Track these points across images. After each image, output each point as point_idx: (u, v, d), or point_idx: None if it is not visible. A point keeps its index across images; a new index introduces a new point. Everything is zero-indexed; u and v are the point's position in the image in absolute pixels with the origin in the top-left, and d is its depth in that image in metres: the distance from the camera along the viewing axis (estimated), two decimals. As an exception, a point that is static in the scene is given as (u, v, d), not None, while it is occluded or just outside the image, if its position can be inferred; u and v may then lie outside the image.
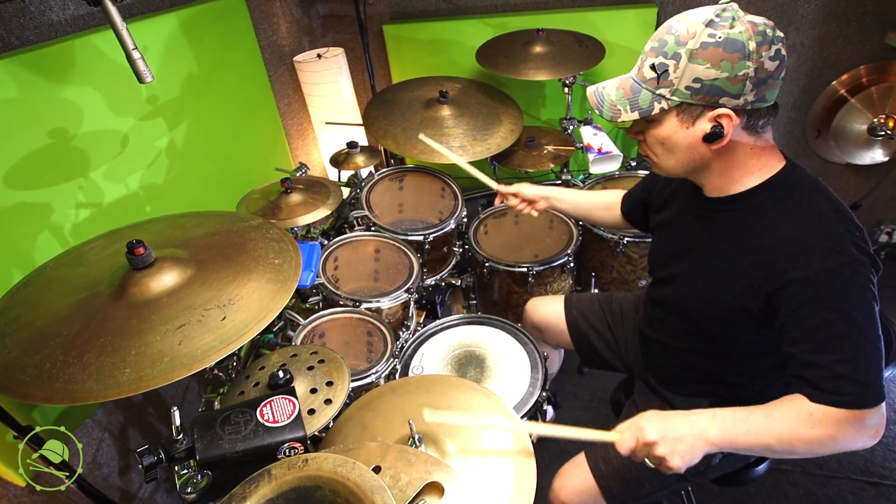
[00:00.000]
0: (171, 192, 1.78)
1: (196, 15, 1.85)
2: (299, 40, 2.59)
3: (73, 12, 1.50)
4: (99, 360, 0.92)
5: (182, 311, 1.01)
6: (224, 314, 1.00)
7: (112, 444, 1.66)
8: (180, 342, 0.95)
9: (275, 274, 1.12)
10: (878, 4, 2.16)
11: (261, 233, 1.26)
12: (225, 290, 1.06)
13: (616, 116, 0.94)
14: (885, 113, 2.18)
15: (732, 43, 0.83)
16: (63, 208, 1.44)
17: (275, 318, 1.66)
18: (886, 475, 1.80)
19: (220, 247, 1.21)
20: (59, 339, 0.97)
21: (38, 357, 0.94)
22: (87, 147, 1.50)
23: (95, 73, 1.50)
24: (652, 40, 0.91)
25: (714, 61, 0.84)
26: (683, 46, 0.86)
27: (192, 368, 0.91)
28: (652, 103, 0.90)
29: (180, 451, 0.84)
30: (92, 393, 0.88)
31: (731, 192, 0.98)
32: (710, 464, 1.20)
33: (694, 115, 0.89)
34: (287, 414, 0.89)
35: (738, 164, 0.95)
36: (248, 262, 1.15)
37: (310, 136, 2.77)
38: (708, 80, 0.85)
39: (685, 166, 0.98)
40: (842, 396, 0.84)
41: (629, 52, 2.44)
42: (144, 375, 0.90)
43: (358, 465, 0.67)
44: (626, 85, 0.94)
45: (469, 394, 1.17)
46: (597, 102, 0.97)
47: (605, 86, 0.98)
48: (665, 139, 0.94)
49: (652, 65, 0.89)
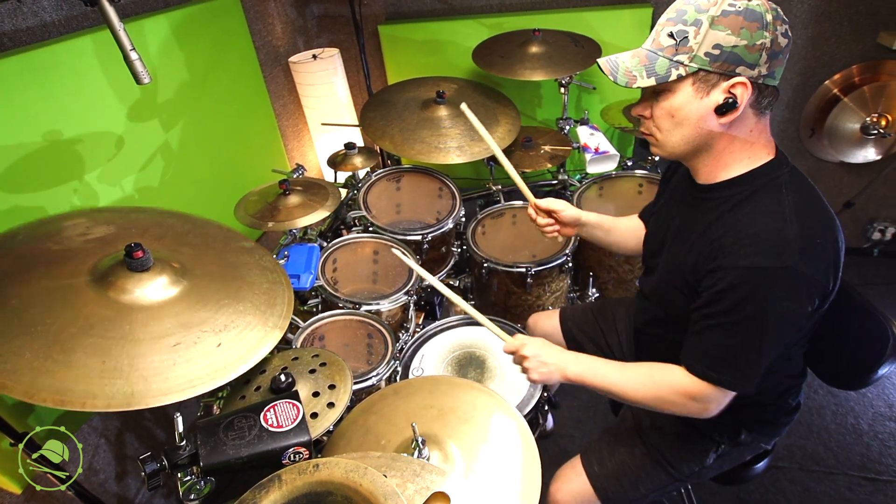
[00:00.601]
0: (166, 194, 1.76)
1: (190, 15, 1.84)
2: (294, 41, 2.58)
3: (67, 13, 1.48)
4: (88, 361, 0.86)
5: (177, 327, 0.97)
6: (219, 341, 0.98)
7: (109, 450, 1.64)
8: (174, 363, 0.91)
9: (268, 307, 1.09)
10: (871, 4, 2.18)
11: (253, 258, 1.23)
12: (219, 314, 1.03)
13: (632, 82, 0.93)
14: (878, 112, 2.20)
15: (752, 13, 0.84)
16: (57, 211, 1.41)
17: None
18: (882, 470, 1.82)
19: (214, 264, 1.17)
20: (40, 327, 0.88)
21: (16, 342, 0.85)
22: (81, 149, 1.48)
23: (89, 75, 1.48)
24: (668, 12, 0.91)
25: (735, 28, 0.84)
26: (705, 13, 0.86)
27: (184, 394, 0.88)
28: (669, 69, 0.90)
29: (183, 458, 0.83)
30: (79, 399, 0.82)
31: (717, 180, 0.99)
32: (704, 464, 1.20)
33: (710, 83, 0.89)
34: (291, 418, 0.88)
35: (734, 148, 0.95)
36: (243, 288, 1.11)
37: (305, 138, 2.76)
38: (728, 47, 0.85)
39: (689, 143, 0.97)
40: (700, 367, 0.97)
41: (624, 52, 2.45)
42: (137, 392, 0.86)
43: (370, 471, 0.66)
44: (640, 54, 0.94)
45: (472, 394, 1.17)
46: (611, 69, 0.96)
47: (618, 56, 0.97)
48: (676, 110, 0.94)
49: (670, 32, 0.89)
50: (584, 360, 1.12)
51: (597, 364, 1.11)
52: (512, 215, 2.12)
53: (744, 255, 0.89)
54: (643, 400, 1.05)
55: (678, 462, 1.20)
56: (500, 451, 1.06)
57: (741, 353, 0.94)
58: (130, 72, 1.06)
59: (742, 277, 0.89)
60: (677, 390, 1.00)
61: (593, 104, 2.60)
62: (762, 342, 0.92)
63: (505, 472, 1.02)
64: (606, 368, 1.09)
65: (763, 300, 0.89)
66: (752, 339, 0.92)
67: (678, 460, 1.20)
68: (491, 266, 1.85)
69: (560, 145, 2.21)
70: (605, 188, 2.19)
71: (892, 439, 1.90)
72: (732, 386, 0.96)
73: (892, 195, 2.56)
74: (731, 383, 0.96)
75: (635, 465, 1.22)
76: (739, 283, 0.89)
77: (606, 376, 1.08)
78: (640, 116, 1.03)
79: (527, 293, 1.91)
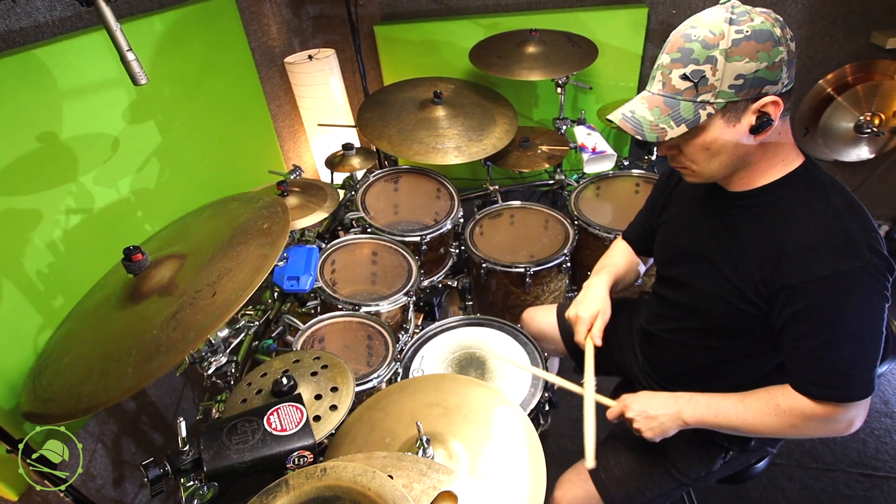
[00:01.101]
0: (163, 197, 1.74)
1: (185, 16, 1.82)
2: (289, 41, 2.57)
3: (61, 13, 1.46)
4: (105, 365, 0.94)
5: (174, 300, 1.00)
6: (214, 290, 0.99)
7: (105, 455, 1.63)
8: (174, 329, 0.94)
9: (263, 238, 1.11)
10: (863, 4, 2.20)
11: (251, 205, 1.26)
12: (212, 267, 1.05)
13: (662, 136, 0.90)
14: (871, 111, 2.22)
15: (762, 33, 0.83)
16: (53, 214, 1.40)
17: (273, 323, 1.65)
18: (879, 466, 1.83)
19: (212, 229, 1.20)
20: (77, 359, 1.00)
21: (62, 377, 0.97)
22: (76, 151, 1.46)
23: (84, 76, 1.47)
24: (668, 53, 0.89)
25: (751, 54, 0.83)
26: (716, 48, 0.85)
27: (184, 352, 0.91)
28: (697, 112, 0.88)
29: (187, 463, 0.82)
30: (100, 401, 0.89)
31: (754, 186, 0.98)
32: (711, 469, 1.20)
33: (739, 111, 0.88)
34: (295, 422, 0.87)
35: (768, 155, 0.95)
36: (238, 234, 1.14)
37: (301, 139, 2.75)
38: (750, 74, 0.84)
39: (729, 167, 0.96)
40: (826, 390, 0.92)
41: (620, 52, 2.46)
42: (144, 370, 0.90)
43: (378, 474, 0.66)
44: (657, 103, 0.92)
45: (478, 392, 1.16)
46: (634, 128, 0.93)
47: (632, 109, 0.94)
48: (711, 143, 0.92)
49: (683, 75, 0.87)
50: (699, 401, 1.05)
51: (713, 402, 1.03)
52: (510, 215, 2.11)
53: (818, 265, 0.88)
54: (777, 433, 0.99)
55: (686, 468, 1.20)
56: (505, 450, 1.06)
57: (858, 362, 0.90)
58: (127, 72, 1.06)
59: (826, 288, 0.88)
60: (811, 416, 0.94)
61: (589, 104, 2.60)
62: (871, 343, 0.90)
63: (510, 471, 1.02)
64: (725, 405, 1.02)
65: (857, 304, 0.88)
66: (862, 344, 0.90)
67: (686, 466, 1.20)
68: (490, 266, 1.85)
69: (557, 145, 2.21)
70: (602, 188, 2.19)
71: (888, 435, 1.92)
72: (863, 395, 0.91)
73: (885, 193, 2.59)
74: (861, 394, 0.91)
75: (642, 471, 1.21)
76: (825, 294, 0.88)
77: (729, 414, 1.01)
78: (670, 154, 1.00)
79: (525, 293, 1.91)
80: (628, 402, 1.10)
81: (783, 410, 0.96)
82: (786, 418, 0.96)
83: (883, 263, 0.88)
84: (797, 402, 0.95)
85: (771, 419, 0.97)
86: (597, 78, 2.53)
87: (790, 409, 0.95)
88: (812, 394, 0.93)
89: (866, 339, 0.89)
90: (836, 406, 0.92)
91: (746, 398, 1.01)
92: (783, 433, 0.98)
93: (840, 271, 0.86)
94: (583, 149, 2.20)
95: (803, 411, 0.94)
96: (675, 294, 1.18)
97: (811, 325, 0.90)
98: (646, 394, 1.11)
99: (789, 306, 0.91)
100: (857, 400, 0.91)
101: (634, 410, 1.08)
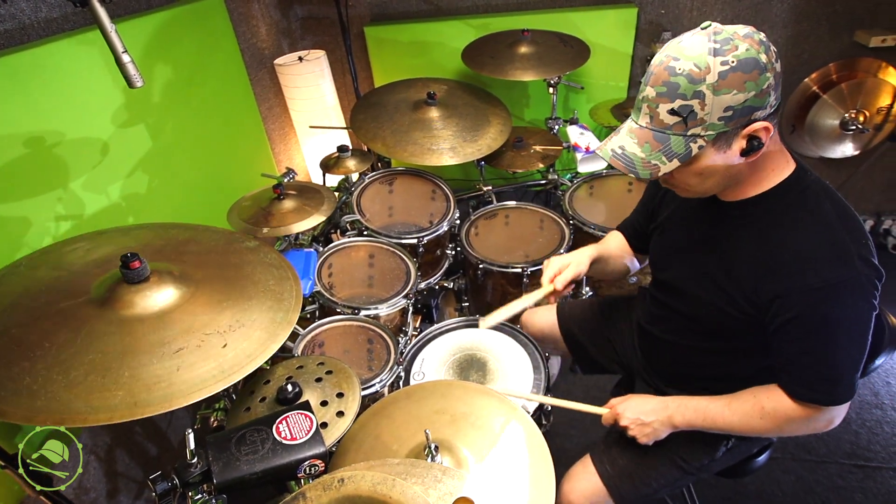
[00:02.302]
0: (154, 201, 1.71)
1: (175, 17, 1.79)
2: (279, 43, 2.53)
3: (46, 15, 1.42)
4: (87, 379, 0.87)
5: (179, 333, 0.96)
6: (225, 341, 0.96)
7: (99, 468, 1.59)
8: (178, 368, 0.90)
9: (275, 302, 1.07)
10: (847, 3, 2.24)
11: (258, 255, 1.21)
12: (223, 314, 1.01)
13: (655, 172, 0.90)
14: (856, 108, 2.26)
15: (747, 63, 0.82)
16: (42, 221, 1.36)
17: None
18: (871, 457, 1.87)
19: (216, 266, 1.15)
20: (39, 351, 0.89)
21: (15, 369, 0.87)
22: (65, 156, 1.42)
23: (72, 79, 1.43)
24: (653, 86, 0.88)
25: (739, 86, 0.83)
26: (702, 83, 0.83)
27: (191, 398, 0.86)
28: (688, 146, 0.88)
29: (195, 476, 0.80)
30: (80, 415, 0.82)
31: (746, 196, 0.99)
32: (714, 457, 1.22)
33: (730, 138, 0.88)
34: (305, 430, 0.86)
35: (758, 168, 0.96)
36: (248, 287, 1.10)
37: (292, 141, 2.71)
38: (738, 105, 0.84)
39: (721, 186, 0.97)
40: (812, 394, 0.96)
41: (611, 52, 2.47)
42: (140, 401, 0.85)
43: (398, 482, 0.64)
44: (646, 137, 0.91)
45: (485, 399, 1.16)
46: (625, 166, 0.92)
47: (621, 145, 0.93)
48: (703, 170, 0.92)
49: (671, 110, 0.86)
50: (688, 406, 1.09)
51: (701, 406, 1.08)
52: (504, 216, 2.11)
53: (811, 275, 0.90)
54: (763, 432, 1.04)
55: (690, 457, 1.21)
56: (513, 457, 1.05)
57: (843, 369, 0.94)
58: (123, 75, 1.03)
59: (817, 298, 0.90)
60: (794, 418, 0.99)
61: (581, 103, 2.61)
62: (857, 351, 0.93)
63: (518, 478, 1.01)
64: (713, 408, 1.06)
65: (846, 314, 0.90)
66: (849, 352, 0.93)
67: (690, 455, 1.21)
68: (487, 267, 1.85)
69: (551, 145, 2.22)
70: (595, 187, 2.20)
71: (879, 426, 1.96)
72: (846, 399, 0.96)
73: (869, 189, 2.64)
74: (844, 398, 0.95)
75: (647, 462, 1.22)
76: (816, 303, 0.90)
77: (716, 418, 1.06)
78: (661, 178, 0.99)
79: (523, 293, 1.90)
80: (620, 409, 1.14)
81: (767, 413, 1.01)
82: (770, 420, 1.01)
83: (873, 273, 0.90)
84: (781, 405, 0.99)
85: (756, 422, 1.02)
86: (587, 77, 2.54)
87: (774, 412, 1.00)
88: (798, 395, 0.97)
89: (853, 346, 0.92)
90: (818, 408, 0.97)
91: (733, 402, 1.05)
92: (768, 433, 1.04)
93: (831, 282, 0.88)
94: (576, 148, 2.20)
95: (787, 414, 0.99)
96: (669, 298, 1.20)
97: (801, 333, 0.93)
98: (636, 399, 1.14)
99: (781, 314, 0.94)
100: (840, 404, 0.96)
101: (628, 419, 1.12)
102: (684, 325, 1.17)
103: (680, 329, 1.19)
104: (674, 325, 1.21)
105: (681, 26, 2.42)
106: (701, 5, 2.37)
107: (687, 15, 2.40)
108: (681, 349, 1.21)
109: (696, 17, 2.39)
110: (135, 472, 1.73)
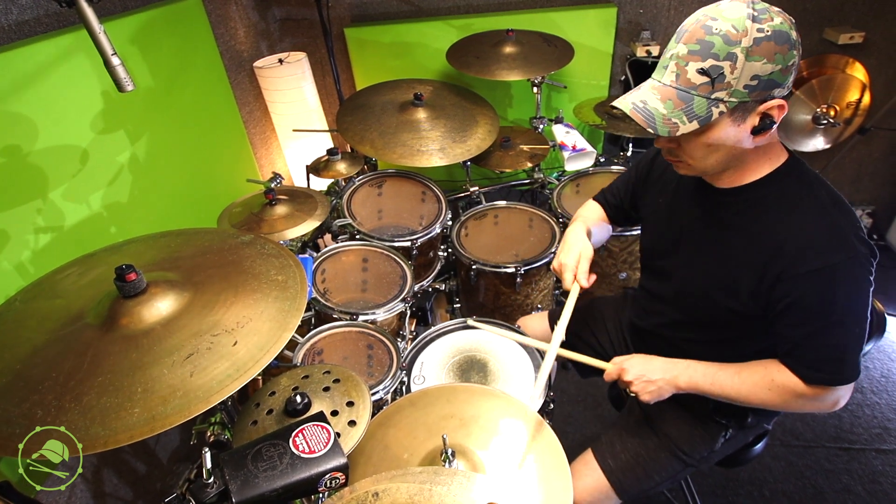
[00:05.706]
0: (137, 210, 1.64)
1: (152, 19, 1.72)
2: (257, 45, 2.47)
3: (18, 17, 1.35)
4: (101, 401, 0.84)
5: (187, 339, 0.93)
6: (235, 339, 0.93)
7: (86, 489, 1.52)
8: (191, 374, 0.87)
9: (280, 291, 1.05)
10: (816, 2, 2.32)
11: (255, 249, 1.19)
12: (229, 312, 0.98)
13: (674, 130, 0.89)
14: (827, 103, 2.34)
15: (781, 35, 0.83)
16: (21, 234, 1.30)
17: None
18: (855, 440, 1.93)
19: (215, 266, 1.12)
20: (48, 383, 0.87)
21: (26, 405, 0.84)
22: (43, 165, 1.36)
23: (48, 84, 1.36)
24: (686, 43, 0.87)
25: (769, 56, 0.83)
26: (737, 45, 0.83)
27: (210, 402, 0.84)
28: (710, 109, 0.87)
29: (212, 496, 0.76)
30: (100, 439, 0.79)
31: (741, 183, 1.00)
32: (713, 448, 1.24)
33: (747, 111, 0.88)
34: (323, 441, 0.83)
35: (759, 154, 0.97)
36: (250, 280, 1.07)
37: (273, 145, 2.65)
38: (765, 76, 0.84)
39: (723, 164, 0.97)
40: (820, 374, 0.96)
41: (592, 51, 2.50)
42: (157, 414, 0.82)
43: (436, 492, 0.63)
44: (669, 95, 0.90)
45: (491, 400, 1.15)
46: (646, 120, 0.91)
47: (643, 100, 0.92)
48: (714, 141, 0.92)
49: (701, 69, 0.86)
50: (696, 369, 1.08)
51: (710, 371, 1.07)
52: (494, 216, 2.11)
53: (811, 258, 0.91)
54: (767, 405, 1.04)
55: (690, 448, 1.23)
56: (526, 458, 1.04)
57: (848, 348, 0.95)
58: (112, 78, 0.99)
59: (818, 279, 0.91)
60: (802, 394, 0.99)
61: (564, 102, 2.64)
62: (860, 329, 0.94)
63: (535, 477, 1.01)
64: (722, 375, 1.06)
65: (847, 293, 0.92)
66: (852, 331, 0.94)
67: (690, 447, 1.23)
68: (479, 268, 1.84)
69: (538, 144, 2.23)
70: (581, 185, 2.22)
71: (860, 409, 2.03)
72: (853, 378, 0.96)
73: (840, 180, 2.75)
74: (851, 377, 0.96)
75: (649, 455, 1.24)
76: (818, 285, 0.91)
77: (724, 385, 1.05)
78: (667, 147, 1.00)
79: (516, 293, 1.91)
80: (625, 364, 1.12)
81: (777, 386, 1.01)
82: (778, 393, 1.01)
83: (868, 251, 0.93)
84: (791, 380, 0.99)
85: (765, 393, 1.02)
86: (570, 77, 2.57)
87: (783, 386, 1.00)
88: (805, 377, 0.98)
89: (856, 325, 0.94)
90: (826, 388, 0.98)
91: (743, 370, 1.05)
92: (773, 406, 1.04)
93: (832, 263, 0.90)
94: (563, 147, 2.22)
95: (795, 390, 0.99)
96: (661, 287, 1.21)
97: (804, 315, 0.95)
98: (641, 357, 1.13)
99: (783, 299, 0.95)
100: (848, 383, 0.97)
101: (633, 374, 1.10)
102: (676, 317, 1.19)
103: (673, 323, 1.21)
104: (666, 319, 1.22)
105: (658, 25, 2.47)
106: (678, 4, 2.42)
107: (665, 14, 2.45)
108: (674, 343, 1.22)
109: (674, 17, 2.44)
110: (123, 493, 1.66)
